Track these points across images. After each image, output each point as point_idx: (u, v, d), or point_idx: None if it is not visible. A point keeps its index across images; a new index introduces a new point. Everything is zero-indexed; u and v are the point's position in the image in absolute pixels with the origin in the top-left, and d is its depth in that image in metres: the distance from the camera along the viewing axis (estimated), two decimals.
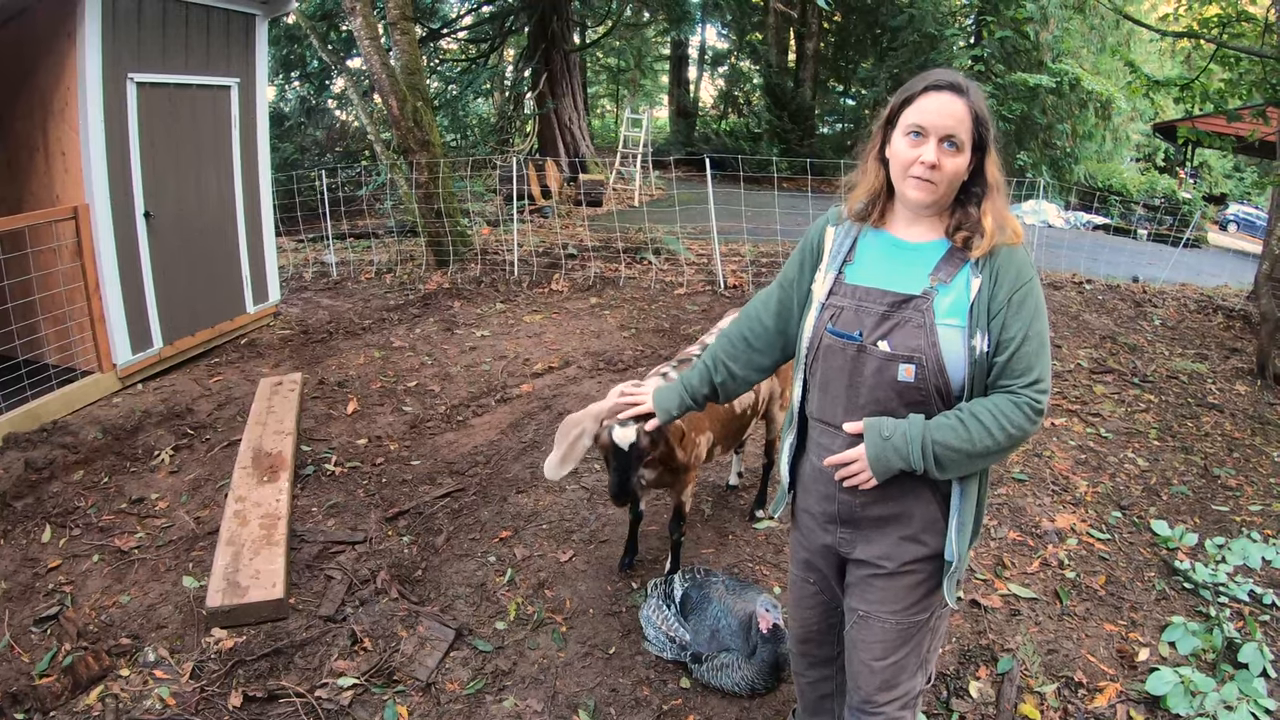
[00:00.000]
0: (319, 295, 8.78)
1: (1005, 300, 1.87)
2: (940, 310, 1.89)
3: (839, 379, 1.99)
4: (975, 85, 1.90)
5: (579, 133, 18.50)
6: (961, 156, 1.87)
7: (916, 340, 1.89)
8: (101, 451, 4.90)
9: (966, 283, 1.90)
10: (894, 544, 2.04)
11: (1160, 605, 3.81)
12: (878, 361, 1.92)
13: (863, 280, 2.00)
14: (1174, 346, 7.88)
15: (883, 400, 1.95)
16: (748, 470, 4.77)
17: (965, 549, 2.03)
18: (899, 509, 2.03)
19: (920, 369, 1.89)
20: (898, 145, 1.91)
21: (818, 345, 2.03)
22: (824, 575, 2.25)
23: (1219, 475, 5.20)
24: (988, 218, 1.90)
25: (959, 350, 1.88)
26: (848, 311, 1.98)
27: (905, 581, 2.06)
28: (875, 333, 1.93)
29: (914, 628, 2.09)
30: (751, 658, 3.04)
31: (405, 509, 4.41)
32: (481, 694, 3.11)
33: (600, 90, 33.71)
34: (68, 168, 5.50)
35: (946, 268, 1.92)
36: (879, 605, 2.08)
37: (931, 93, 1.87)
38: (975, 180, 1.93)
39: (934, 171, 1.85)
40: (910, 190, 1.90)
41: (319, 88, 17.61)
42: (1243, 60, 8.46)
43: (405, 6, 9.69)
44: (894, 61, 20.93)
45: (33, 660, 3.21)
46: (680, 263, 10.06)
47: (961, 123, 1.85)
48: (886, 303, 1.93)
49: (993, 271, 1.88)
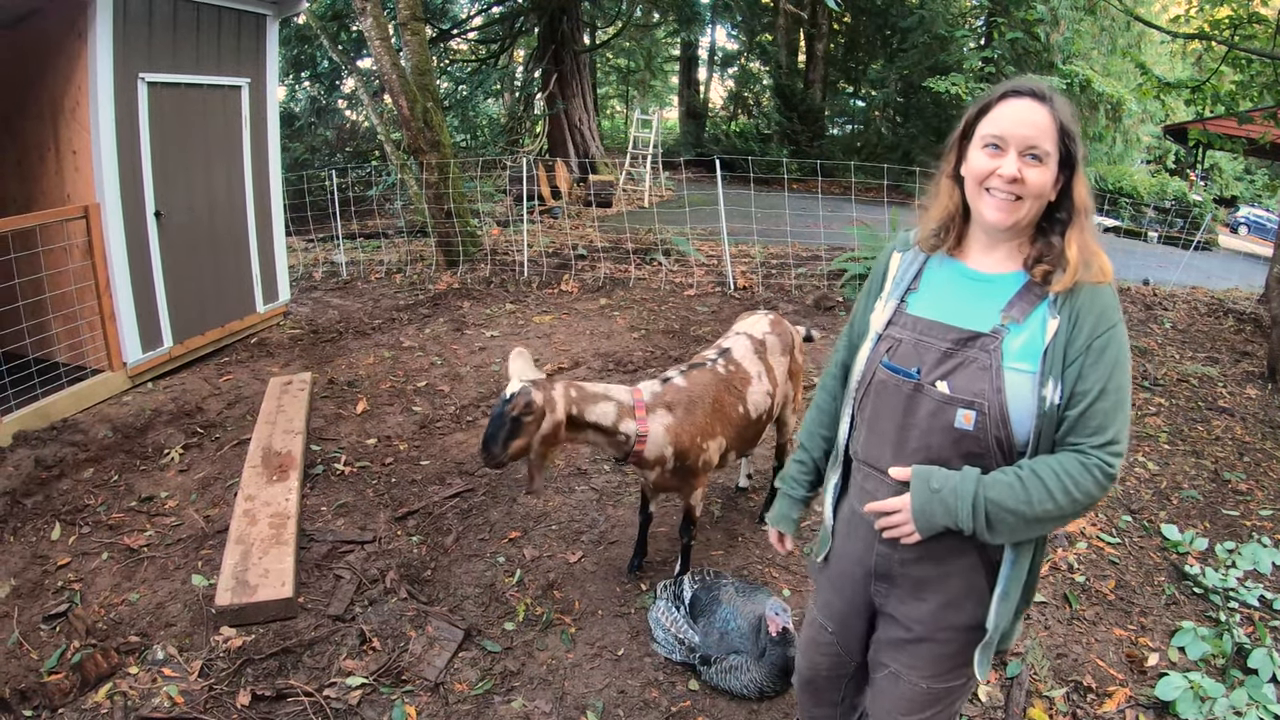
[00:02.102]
0: (329, 295, 8.80)
1: (1084, 347, 1.65)
2: (1010, 352, 1.68)
3: (889, 419, 1.80)
4: (1060, 93, 1.70)
5: (589, 133, 18.53)
6: (1046, 170, 1.66)
7: (980, 384, 1.68)
8: (111, 450, 4.92)
9: (1042, 323, 1.69)
10: (931, 610, 1.86)
11: (1170, 610, 3.79)
12: (934, 404, 1.73)
13: (926, 312, 1.81)
14: (1184, 350, 7.85)
15: (935, 448, 1.75)
16: (757, 473, 4.76)
17: (1009, 622, 1.83)
18: (940, 571, 1.83)
19: (981, 416, 1.68)
20: (973, 159, 1.72)
21: (870, 379, 1.85)
22: (845, 626, 2.09)
23: (1229, 480, 5.18)
24: (1072, 248, 1.68)
25: (1027, 399, 1.67)
26: (906, 345, 1.80)
27: (939, 650, 1.89)
28: (935, 371, 1.73)
29: (946, 692, 1.94)
30: (760, 660, 3.03)
31: (414, 509, 4.42)
32: (490, 695, 3.11)
33: (610, 91, 33.67)
34: (78, 167, 5.52)
35: (1021, 304, 1.71)
36: (909, 669, 1.93)
37: (1010, 99, 1.68)
38: (1060, 204, 1.72)
39: (1015, 186, 1.65)
40: (988, 209, 1.70)
41: (329, 88, 17.68)
42: (1254, 62, 8.42)
43: (415, 7, 9.71)
44: (904, 63, 20.89)
45: (41, 657, 3.22)
46: (690, 264, 10.05)
47: (1045, 132, 1.65)
48: (950, 339, 1.74)
49: (1073, 312, 1.67)
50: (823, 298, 8.59)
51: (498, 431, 2.93)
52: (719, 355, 3.59)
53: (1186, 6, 10.28)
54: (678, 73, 30.84)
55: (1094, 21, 18.91)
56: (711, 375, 3.45)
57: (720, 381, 3.45)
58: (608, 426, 3.16)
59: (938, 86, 17.54)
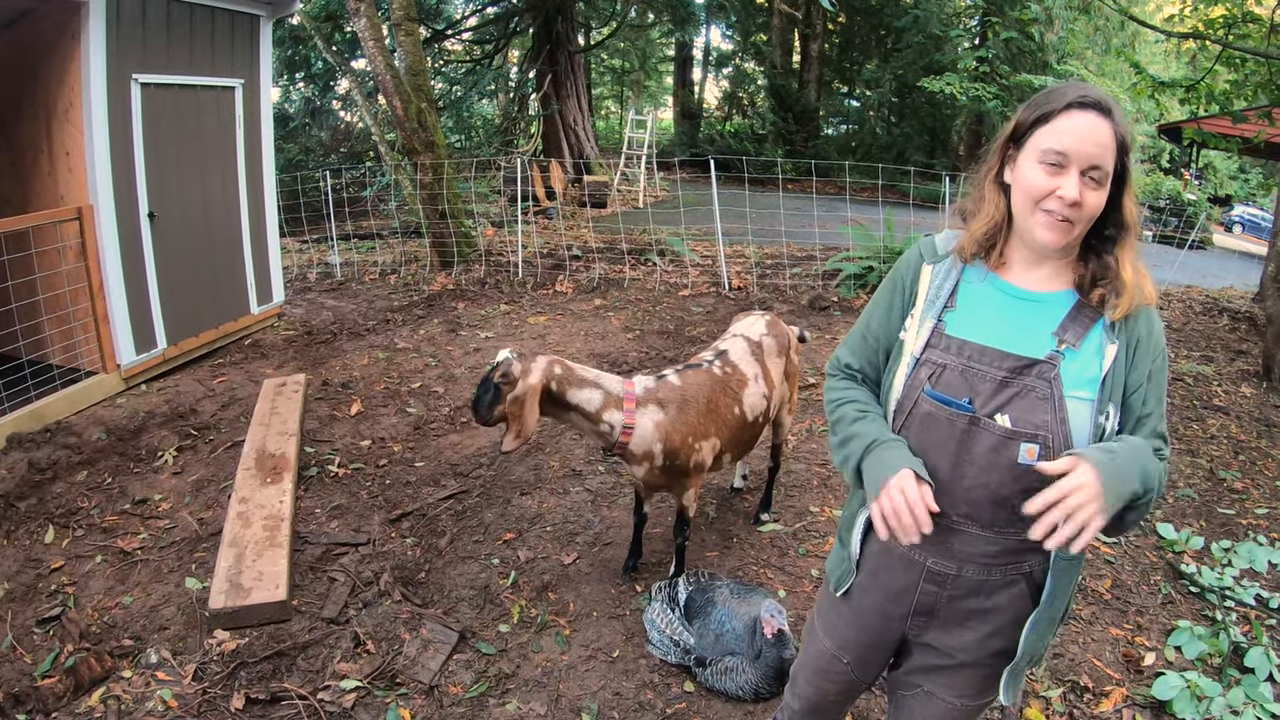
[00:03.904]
0: (323, 296, 8.78)
1: (1147, 374, 1.60)
2: (1068, 379, 1.58)
3: (941, 455, 1.65)
4: (1117, 103, 1.57)
5: (583, 134, 18.53)
6: (1103, 191, 1.55)
7: (1042, 415, 1.57)
8: (105, 452, 4.90)
9: (1099, 349, 1.60)
10: (977, 639, 1.76)
11: (1166, 609, 3.79)
12: (995, 439, 1.59)
13: (972, 335, 1.67)
14: (1179, 349, 7.86)
15: (994, 486, 1.61)
16: (752, 473, 4.76)
17: (1042, 645, 1.76)
18: (991, 603, 1.73)
19: (1045, 450, 1.56)
20: (1028, 173, 1.58)
21: (910, 409, 1.70)
22: (865, 660, 1.98)
23: (1225, 478, 5.18)
24: (1126, 270, 1.59)
25: (1085, 428, 1.58)
26: (951, 372, 1.66)
27: (981, 673, 1.81)
28: (992, 403, 1.61)
29: (979, 708, 1.88)
30: (756, 662, 3.02)
31: (409, 511, 4.41)
32: (484, 697, 3.10)
33: (605, 91, 33.70)
34: (72, 168, 5.51)
35: (1074, 327, 1.61)
36: (946, 690, 1.85)
37: (1075, 111, 1.53)
38: (1108, 218, 1.60)
39: (1074, 210, 1.53)
40: (1040, 229, 1.57)
41: (323, 89, 17.67)
42: (1248, 61, 8.43)
43: (410, 7, 9.70)
44: (898, 63, 20.94)
45: (35, 661, 3.21)
46: (685, 264, 10.05)
47: (1108, 150, 1.53)
48: (1006, 367, 1.61)
49: (1132, 339, 1.60)
50: (817, 298, 8.58)
51: (483, 395, 3.14)
52: (716, 357, 3.59)
53: (1181, 6, 10.29)
54: (672, 73, 30.95)
55: (1088, 21, 18.95)
56: (707, 376, 3.45)
57: (716, 383, 3.45)
58: (590, 412, 3.21)
59: (932, 86, 17.57)
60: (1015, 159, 1.63)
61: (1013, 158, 1.64)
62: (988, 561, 1.69)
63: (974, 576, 1.71)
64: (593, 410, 3.21)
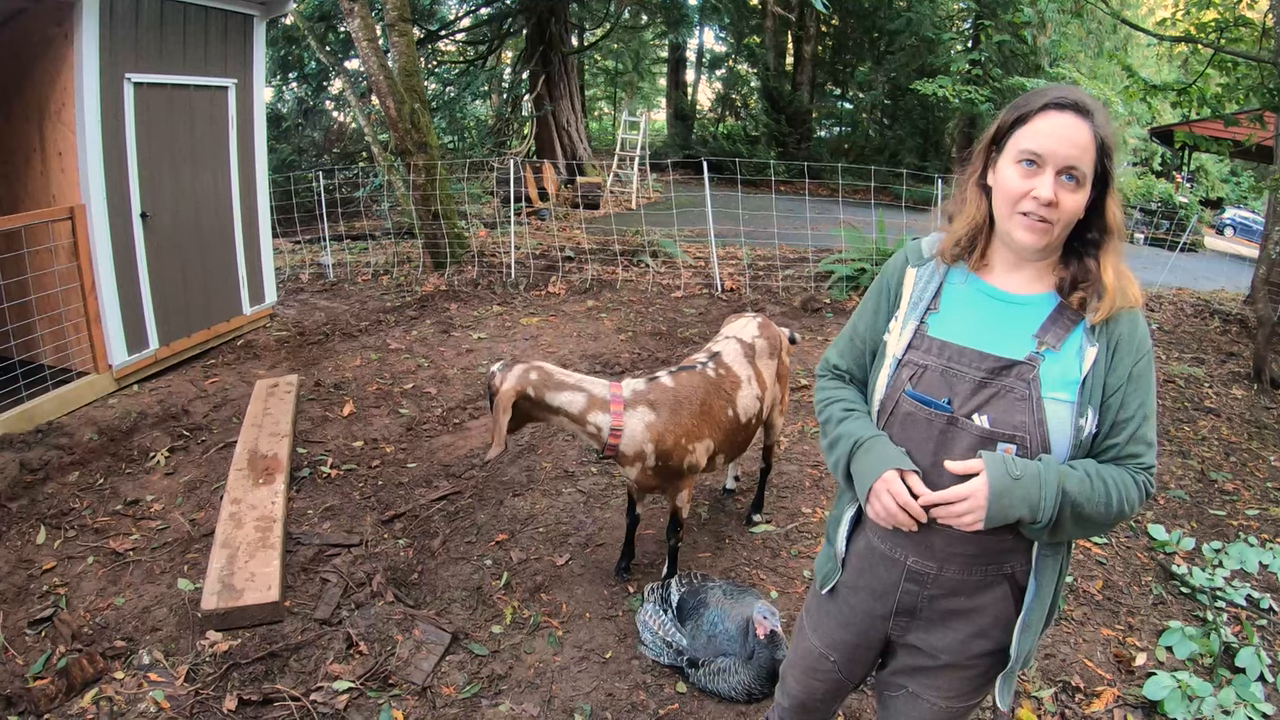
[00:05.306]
0: (315, 297, 8.76)
1: (1126, 376, 1.60)
2: (1048, 381, 1.60)
3: (920, 454, 1.68)
4: (1101, 105, 1.58)
5: (576, 135, 18.53)
6: (1082, 192, 1.57)
7: (1020, 415, 1.60)
8: (97, 453, 4.88)
9: (1079, 351, 1.61)
10: (959, 639, 1.78)
11: (1157, 610, 3.81)
12: (972, 438, 1.62)
13: (952, 336, 1.69)
14: (1171, 351, 7.89)
15: None
16: (744, 474, 4.76)
17: (1030, 647, 1.77)
18: (972, 604, 1.75)
19: (1022, 450, 1.59)
20: (1005, 174, 1.60)
21: (892, 409, 1.72)
22: (852, 658, 1.99)
23: (1216, 480, 5.20)
24: (1108, 273, 1.61)
25: (1065, 430, 1.60)
26: (932, 373, 1.68)
27: (965, 674, 1.83)
28: (970, 403, 1.63)
29: (966, 709, 1.89)
30: (748, 663, 3.03)
31: (401, 512, 4.40)
32: (477, 698, 3.10)
33: (598, 93, 33.71)
34: (64, 168, 5.49)
35: (1054, 329, 1.63)
36: (931, 691, 1.87)
37: (1051, 112, 1.56)
38: (1091, 222, 1.62)
39: (1050, 210, 1.55)
40: (1018, 230, 1.59)
41: (316, 89, 17.61)
42: (1240, 65, 8.49)
43: (403, 8, 9.69)
44: (891, 65, 21.00)
45: (27, 662, 3.19)
46: (677, 266, 10.06)
47: (1085, 152, 1.54)
48: (985, 368, 1.63)
49: (1111, 341, 1.61)
50: (810, 299, 8.60)
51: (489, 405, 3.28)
52: (709, 359, 3.60)
53: (1173, 9, 10.35)
54: (665, 75, 30.91)
55: (1081, 24, 19.01)
56: (701, 378, 3.46)
57: (709, 384, 3.46)
58: (574, 414, 3.25)
59: (925, 89, 17.63)
60: (996, 162, 1.65)
61: (994, 160, 1.66)
62: (968, 561, 1.71)
63: (954, 576, 1.73)
64: (575, 413, 3.24)
